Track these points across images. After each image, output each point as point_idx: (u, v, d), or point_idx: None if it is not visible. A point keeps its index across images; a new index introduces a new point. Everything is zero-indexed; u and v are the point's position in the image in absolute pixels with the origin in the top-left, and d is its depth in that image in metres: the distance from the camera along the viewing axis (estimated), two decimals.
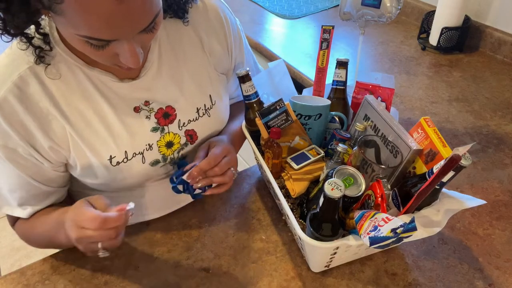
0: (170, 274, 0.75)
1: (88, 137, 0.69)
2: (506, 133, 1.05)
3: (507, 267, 0.75)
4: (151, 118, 0.74)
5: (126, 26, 0.52)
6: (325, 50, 0.89)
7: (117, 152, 0.72)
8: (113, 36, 0.53)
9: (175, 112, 0.76)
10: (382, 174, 0.69)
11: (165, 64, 0.74)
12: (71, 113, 0.67)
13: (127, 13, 0.50)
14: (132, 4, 0.50)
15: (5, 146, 0.65)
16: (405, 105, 1.16)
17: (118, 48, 0.56)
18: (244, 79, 0.80)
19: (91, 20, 0.50)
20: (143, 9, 0.52)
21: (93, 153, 0.70)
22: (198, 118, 0.80)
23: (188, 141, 0.80)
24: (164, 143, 0.77)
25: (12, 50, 0.64)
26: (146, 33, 0.56)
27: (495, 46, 1.38)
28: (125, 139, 0.72)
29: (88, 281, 0.74)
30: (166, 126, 0.76)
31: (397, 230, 0.56)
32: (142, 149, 0.74)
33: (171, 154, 0.79)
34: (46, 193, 0.74)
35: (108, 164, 0.72)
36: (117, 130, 0.71)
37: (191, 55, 0.77)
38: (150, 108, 0.74)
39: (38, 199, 0.73)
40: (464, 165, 0.60)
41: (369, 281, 0.73)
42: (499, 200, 0.88)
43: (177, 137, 0.78)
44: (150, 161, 0.76)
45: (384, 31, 1.58)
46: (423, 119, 0.70)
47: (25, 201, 0.72)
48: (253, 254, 0.78)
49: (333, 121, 0.87)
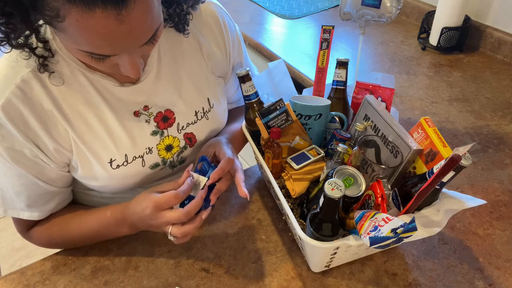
0: (170, 274, 0.75)
1: (89, 140, 0.70)
2: (506, 133, 1.05)
3: (507, 267, 0.75)
4: (150, 122, 0.75)
5: (127, 43, 0.53)
6: (325, 50, 0.89)
7: (117, 155, 0.72)
8: (114, 52, 0.54)
9: (174, 116, 0.77)
10: (382, 174, 0.69)
11: (164, 68, 0.74)
12: (73, 116, 0.68)
13: (128, 31, 0.51)
14: (133, 24, 0.50)
15: (11, 148, 0.65)
16: (405, 105, 1.16)
17: (119, 60, 0.57)
18: (244, 79, 0.80)
19: (92, 39, 0.51)
20: (144, 27, 0.53)
21: (94, 156, 0.71)
22: (196, 121, 0.80)
23: (187, 144, 0.80)
24: (163, 147, 0.77)
25: (13, 53, 0.64)
26: (147, 45, 0.57)
27: (495, 46, 1.38)
28: (126, 143, 0.73)
29: (88, 281, 0.74)
30: (166, 129, 0.77)
31: (397, 230, 0.56)
32: (142, 153, 0.75)
33: (170, 157, 0.79)
34: (52, 193, 0.74)
35: (108, 167, 0.72)
36: (118, 134, 0.72)
37: (190, 59, 0.78)
38: (150, 112, 0.74)
39: (44, 199, 0.73)
40: (464, 165, 0.59)
41: (369, 281, 0.73)
42: (499, 200, 0.88)
43: (177, 140, 0.78)
44: (150, 164, 0.76)
45: (384, 31, 1.58)
46: (423, 119, 0.70)
47: (32, 202, 0.72)
48: (253, 254, 0.78)
49: (333, 121, 0.87)
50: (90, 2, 0.46)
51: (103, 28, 0.49)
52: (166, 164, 0.79)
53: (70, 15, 0.47)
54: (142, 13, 0.50)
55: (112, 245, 0.80)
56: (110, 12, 0.47)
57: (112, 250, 0.79)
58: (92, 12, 0.47)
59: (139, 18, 0.51)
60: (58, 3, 0.47)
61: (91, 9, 0.46)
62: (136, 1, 0.49)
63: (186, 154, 0.82)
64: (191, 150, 0.82)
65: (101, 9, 0.47)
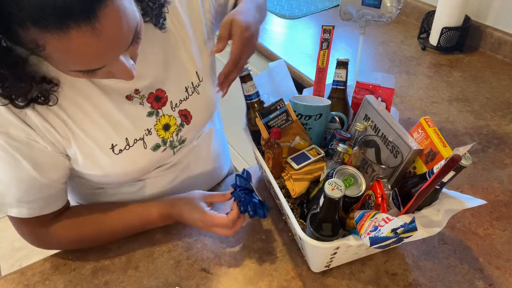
0: (170, 274, 0.75)
1: (88, 128, 0.69)
2: (506, 133, 1.05)
3: (508, 267, 0.75)
4: (144, 104, 0.75)
5: (112, 52, 0.53)
6: (325, 50, 0.89)
7: (118, 140, 0.72)
8: (101, 64, 0.54)
9: (165, 95, 0.77)
10: (382, 174, 0.69)
11: (148, 49, 0.73)
12: (68, 105, 0.67)
13: (108, 42, 0.51)
14: (111, 32, 0.50)
15: (6, 133, 0.63)
16: (405, 105, 1.16)
17: (110, 68, 0.57)
18: (245, 79, 0.80)
19: (77, 59, 0.51)
20: (122, 33, 0.52)
21: (95, 143, 0.70)
22: (188, 97, 0.80)
23: (183, 122, 0.80)
24: (161, 126, 0.77)
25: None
26: (132, 46, 0.57)
27: (495, 46, 1.38)
28: (124, 126, 0.73)
29: (88, 281, 0.74)
30: (160, 109, 0.77)
31: (398, 230, 0.56)
32: (142, 135, 0.75)
33: (170, 136, 0.79)
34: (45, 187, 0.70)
35: (111, 153, 0.72)
36: (116, 118, 0.71)
37: (169, 35, 0.76)
38: (141, 95, 0.74)
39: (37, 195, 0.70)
40: (464, 165, 0.60)
41: (369, 281, 0.73)
42: (499, 200, 0.88)
43: (173, 119, 0.79)
44: (151, 146, 0.77)
45: (384, 31, 1.58)
46: (423, 119, 0.70)
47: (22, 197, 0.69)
48: (253, 254, 0.78)
49: (333, 121, 0.87)
50: (62, 25, 0.46)
51: (84, 46, 0.49)
52: (167, 145, 0.80)
53: (48, 43, 0.48)
54: (116, 20, 0.50)
55: (112, 245, 0.80)
56: (85, 29, 0.47)
57: (112, 250, 0.80)
58: (67, 34, 0.47)
59: (115, 25, 0.51)
60: (33, 35, 0.47)
61: (65, 31, 0.47)
62: (106, 10, 0.48)
63: (184, 133, 0.82)
64: (189, 127, 0.82)
65: (75, 29, 0.47)
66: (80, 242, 0.79)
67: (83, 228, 0.77)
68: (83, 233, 0.77)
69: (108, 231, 0.79)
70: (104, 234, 0.79)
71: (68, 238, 0.77)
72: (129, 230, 0.81)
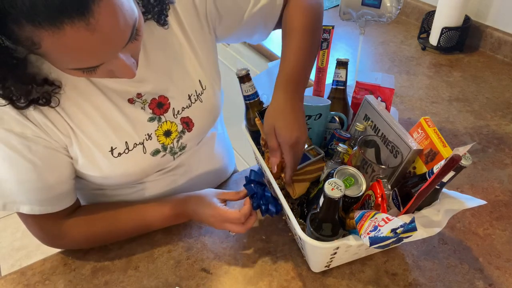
0: (170, 274, 0.75)
1: (88, 129, 0.69)
2: (506, 133, 1.05)
3: (508, 267, 0.75)
4: (146, 109, 0.74)
5: (109, 48, 0.53)
6: (325, 50, 0.89)
7: (118, 143, 0.72)
8: (99, 61, 0.54)
9: (168, 101, 0.77)
10: (382, 174, 0.69)
11: (151, 54, 0.73)
12: (69, 106, 0.67)
13: (104, 37, 0.50)
14: (106, 28, 0.50)
15: (11, 130, 0.63)
16: (405, 105, 1.16)
17: (110, 66, 0.56)
18: (244, 79, 0.80)
19: (73, 55, 0.51)
20: (118, 29, 0.52)
21: (95, 145, 0.70)
22: (191, 104, 0.80)
23: (185, 129, 0.80)
24: (162, 132, 0.77)
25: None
26: (131, 43, 0.56)
27: (495, 46, 1.38)
28: (125, 130, 0.72)
29: (88, 281, 0.74)
30: (162, 115, 0.77)
31: (397, 230, 0.56)
32: (142, 140, 0.75)
33: (170, 143, 0.79)
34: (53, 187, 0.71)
35: (110, 156, 0.72)
36: (116, 121, 0.71)
37: (173, 42, 0.75)
38: (144, 100, 0.74)
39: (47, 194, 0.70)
40: (464, 165, 0.59)
41: (369, 281, 0.73)
42: (499, 200, 0.88)
43: (174, 126, 0.79)
44: (150, 151, 0.77)
45: (384, 31, 1.58)
46: (423, 119, 0.70)
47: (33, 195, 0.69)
48: (253, 254, 0.78)
49: (333, 121, 0.87)
50: (56, 20, 0.46)
51: (79, 42, 0.49)
52: (167, 151, 0.79)
53: (43, 40, 0.47)
54: (111, 15, 0.50)
55: (112, 245, 0.80)
56: (79, 25, 0.47)
57: (112, 250, 0.80)
58: (62, 30, 0.47)
59: (110, 21, 0.50)
60: (28, 32, 0.47)
61: (60, 27, 0.46)
62: (101, 5, 0.48)
63: (185, 140, 0.82)
64: (190, 135, 0.82)
65: (69, 25, 0.46)
66: (92, 240, 0.79)
67: (95, 225, 0.77)
68: (95, 230, 0.77)
69: (120, 229, 0.79)
70: (116, 232, 0.79)
71: (80, 235, 0.77)
72: (141, 228, 0.80)
